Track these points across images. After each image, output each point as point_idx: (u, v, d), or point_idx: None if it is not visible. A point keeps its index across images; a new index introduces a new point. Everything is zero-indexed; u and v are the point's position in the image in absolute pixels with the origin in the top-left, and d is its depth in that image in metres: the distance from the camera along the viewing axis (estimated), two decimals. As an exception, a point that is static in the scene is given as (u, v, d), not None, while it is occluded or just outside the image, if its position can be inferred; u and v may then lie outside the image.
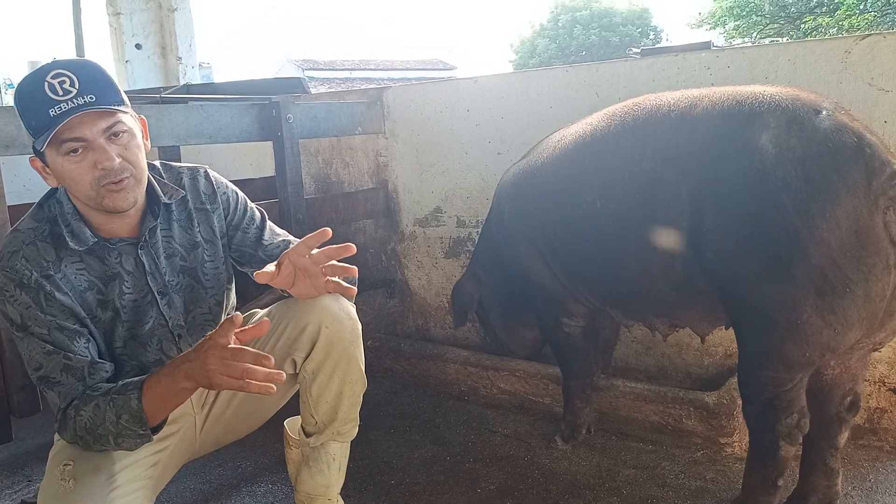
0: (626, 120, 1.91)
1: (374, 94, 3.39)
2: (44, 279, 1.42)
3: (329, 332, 1.63)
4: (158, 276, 1.58)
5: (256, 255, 1.73)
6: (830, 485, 1.87)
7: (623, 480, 2.16)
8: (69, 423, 1.41)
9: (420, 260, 3.40)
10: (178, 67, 4.86)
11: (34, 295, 1.41)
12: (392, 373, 3.09)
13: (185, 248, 1.63)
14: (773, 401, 1.72)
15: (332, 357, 1.65)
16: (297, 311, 1.65)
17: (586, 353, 2.35)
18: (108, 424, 1.37)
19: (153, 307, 1.58)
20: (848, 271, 1.55)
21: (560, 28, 27.91)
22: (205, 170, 1.71)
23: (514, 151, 2.88)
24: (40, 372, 1.42)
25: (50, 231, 1.47)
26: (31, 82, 1.36)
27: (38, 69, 1.39)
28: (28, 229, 1.46)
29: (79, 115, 1.35)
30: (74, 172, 1.39)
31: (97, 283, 1.50)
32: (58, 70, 1.36)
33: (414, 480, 2.25)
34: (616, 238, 1.91)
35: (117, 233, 1.52)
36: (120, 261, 1.53)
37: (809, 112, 1.62)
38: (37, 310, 1.41)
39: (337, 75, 25.58)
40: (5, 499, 2.26)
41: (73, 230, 1.47)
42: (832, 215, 1.53)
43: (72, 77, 1.36)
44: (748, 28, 21.74)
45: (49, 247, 1.45)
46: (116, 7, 4.73)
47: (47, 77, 1.35)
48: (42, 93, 1.34)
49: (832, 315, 1.59)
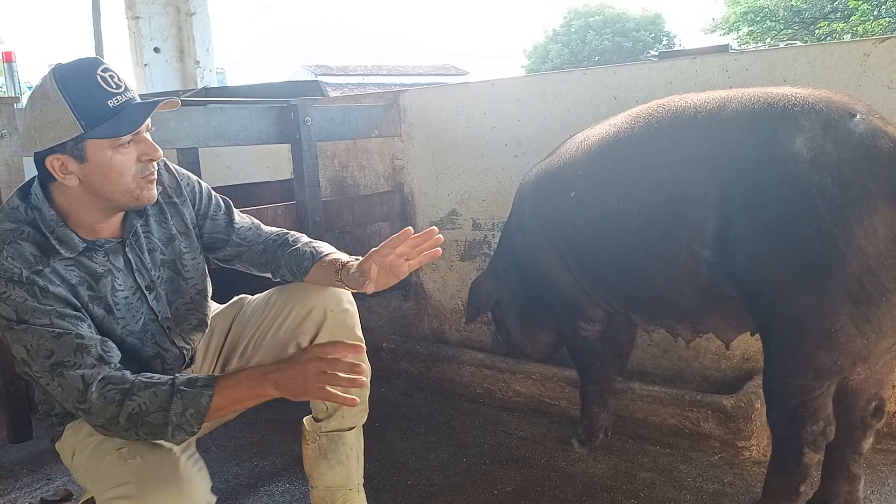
0: (651, 121, 1.88)
1: (391, 97, 3.41)
2: (34, 275, 1.37)
3: (334, 314, 1.72)
4: (145, 272, 1.59)
5: (231, 239, 1.79)
6: (852, 490, 1.84)
7: (640, 483, 2.16)
8: (105, 406, 1.34)
9: (435, 262, 3.41)
10: (196, 71, 4.90)
11: (28, 289, 1.36)
12: (407, 375, 3.10)
13: (162, 242, 1.65)
14: (800, 408, 1.69)
15: (338, 339, 1.67)
16: (300, 296, 1.72)
17: (604, 358, 2.34)
18: (172, 415, 1.33)
19: (143, 303, 1.59)
20: (884, 280, 1.52)
21: (573, 33, 27.87)
22: (164, 162, 1.68)
23: (530, 154, 2.89)
24: (52, 359, 1.35)
25: (32, 235, 1.42)
26: (83, 74, 1.38)
27: (78, 63, 1.41)
28: (6, 230, 1.41)
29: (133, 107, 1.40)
30: (122, 164, 1.41)
31: (87, 279, 1.47)
32: (104, 66, 1.40)
33: (431, 481, 2.25)
34: (639, 241, 1.87)
35: (103, 234, 1.52)
36: (109, 259, 1.53)
37: (844, 115, 1.59)
38: (34, 301, 1.36)
39: (350, 80, 25.65)
40: (25, 497, 2.28)
41: (59, 237, 1.43)
42: (869, 223, 1.50)
43: (115, 73, 1.41)
44: (762, 33, 21.67)
45: (33, 247, 1.41)
46: (135, 11, 4.78)
47: (98, 71, 1.38)
48: (97, 85, 1.37)
49: (867, 324, 1.56)
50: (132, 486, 1.34)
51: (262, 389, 1.37)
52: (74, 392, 1.35)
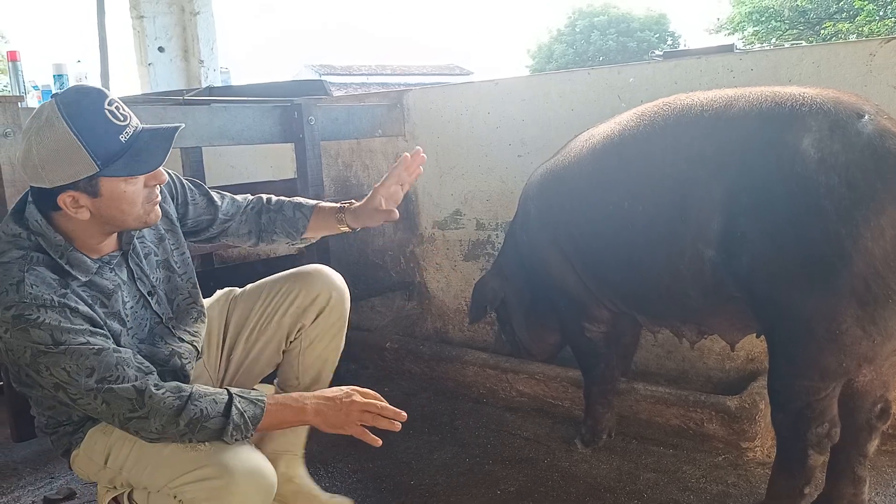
0: (657, 119, 1.87)
1: (395, 96, 3.40)
2: (62, 297, 1.38)
3: (333, 300, 1.88)
4: (145, 279, 1.62)
5: (216, 217, 1.85)
6: (857, 493, 1.83)
7: (644, 484, 2.15)
8: (165, 410, 1.37)
9: (439, 262, 3.41)
10: (200, 70, 4.90)
11: (60, 311, 1.36)
12: (410, 375, 3.10)
13: (153, 243, 1.68)
14: (805, 410, 1.68)
15: (334, 325, 1.91)
16: (306, 282, 1.87)
17: (608, 359, 2.33)
18: (233, 418, 1.41)
19: (147, 309, 1.62)
20: (891, 281, 1.51)
21: (577, 33, 27.83)
22: None
23: (534, 154, 2.88)
24: (95, 376, 1.36)
25: (44, 260, 1.41)
26: (92, 110, 1.36)
27: (82, 97, 1.38)
28: (16, 259, 1.39)
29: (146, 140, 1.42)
30: (133, 194, 1.44)
31: (100, 297, 1.49)
32: (109, 97, 1.40)
33: (433, 481, 2.25)
34: (644, 240, 1.86)
35: (105, 251, 1.54)
36: (115, 273, 1.55)
37: (852, 116, 1.57)
38: (67, 323, 1.36)
39: (354, 80, 25.63)
40: (28, 495, 2.28)
41: (70, 261, 1.44)
42: (876, 224, 1.49)
43: (119, 102, 1.42)
44: (767, 33, 21.62)
45: (47, 270, 1.40)
46: (140, 10, 4.79)
47: (105, 105, 1.38)
48: (107, 120, 1.37)
49: (873, 326, 1.55)
50: (211, 469, 1.40)
51: (306, 417, 1.50)
52: (126, 403, 1.37)
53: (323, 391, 1.55)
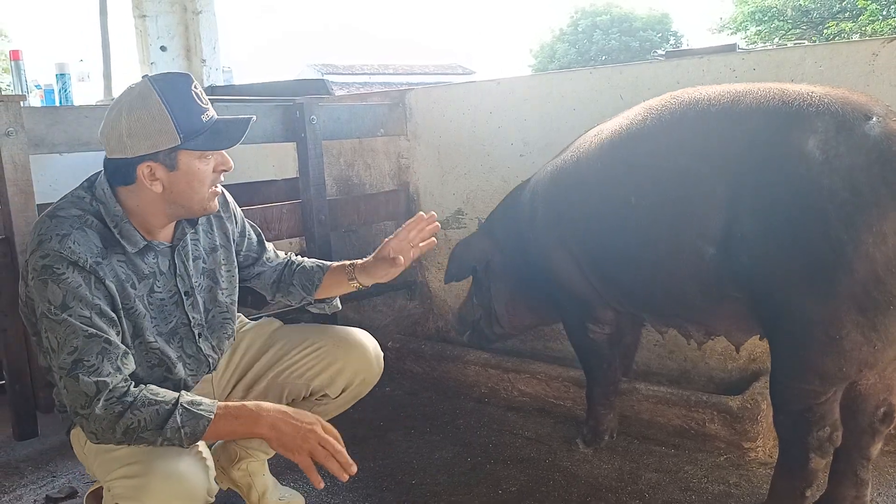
0: (664, 114, 1.85)
1: (397, 96, 3.40)
2: (96, 265, 1.45)
3: (360, 381, 1.91)
4: (186, 278, 1.66)
5: (260, 259, 1.93)
6: (859, 495, 1.82)
7: (645, 484, 2.15)
8: (104, 417, 1.37)
9: (441, 262, 3.40)
10: (203, 70, 4.89)
11: (86, 276, 1.43)
12: (412, 374, 3.10)
13: (206, 251, 1.74)
14: (806, 412, 1.67)
15: (354, 398, 1.96)
16: (349, 356, 1.89)
17: (611, 360, 2.33)
18: (168, 430, 1.38)
19: (178, 307, 1.65)
20: (892, 287, 1.49)
21: (580, 33, 27.84)
22: None
23: (536, 153, 2.88)
24: (75, 355, 1.38)
25: (97, 225, 1.49)
26: (181, 89, 1.48)
27: (173, 78, 1.51)
28: (73, 216, 1.47)
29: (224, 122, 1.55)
30: (205, 173, 1.53)
31: (133, 277, 1.55)
32: (194, 81, 1.51)
33: (435, 481, 2.25)
34: (649, 236, 1.84)
35: (158, 237, 1.61)
36: (157, 261, 1.60)
37: (859, 117, 1.55)
38: (86, 290, 1.42)
39: (356, 80, 25.65)
40: (30, 494, 2.29)
41: (122, 232, 1.52)
42: (879, 230, 1.47)
43: (201, 89, 1.53)
44: (770, 33, 21.59)
45: (97, 236, 1.48)
46: (142, 9, 4.78)
47: (192, 87, 1.49)
48: (193, 101, 1.49)
49: (873, 332, 1.53)
50: (137, 467, 1.42)
51: (259, 429, 1.44)
52: (81, 397, 1.39)
53: (287, 408, 1.49)
